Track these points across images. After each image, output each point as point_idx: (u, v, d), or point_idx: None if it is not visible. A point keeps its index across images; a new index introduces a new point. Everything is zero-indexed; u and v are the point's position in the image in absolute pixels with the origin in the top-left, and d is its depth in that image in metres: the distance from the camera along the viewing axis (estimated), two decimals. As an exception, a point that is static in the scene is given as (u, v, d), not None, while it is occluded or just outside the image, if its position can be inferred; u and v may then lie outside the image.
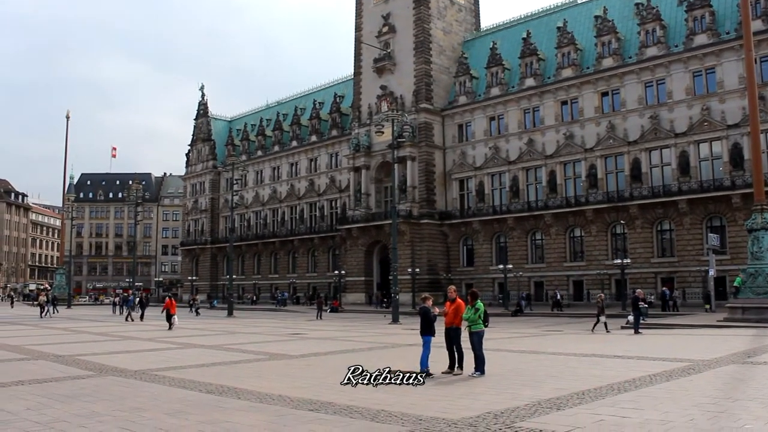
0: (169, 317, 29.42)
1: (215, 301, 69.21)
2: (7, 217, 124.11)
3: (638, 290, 28.48)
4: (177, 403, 9.74)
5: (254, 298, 71.33)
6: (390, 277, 40.91)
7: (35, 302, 67.34)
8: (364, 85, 64.55)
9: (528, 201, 53.19)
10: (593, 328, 25.14)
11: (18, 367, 14.74)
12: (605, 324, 24.90)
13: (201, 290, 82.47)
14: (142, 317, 37.28)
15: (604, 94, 49.99)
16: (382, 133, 41.60)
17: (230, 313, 44.13)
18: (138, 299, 41.47)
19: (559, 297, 44.92)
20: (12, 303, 67.03)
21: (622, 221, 46.91)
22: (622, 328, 26.48)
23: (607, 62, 49.68)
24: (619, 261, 42.32)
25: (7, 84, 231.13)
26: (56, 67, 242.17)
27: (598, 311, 25.24)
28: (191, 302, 51.52)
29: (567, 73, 51.84)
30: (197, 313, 46.75)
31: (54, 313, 43.88)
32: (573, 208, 50.02)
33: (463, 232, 57.92)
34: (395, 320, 33.27)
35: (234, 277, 53.77)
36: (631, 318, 25.43)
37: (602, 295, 27.72)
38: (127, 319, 36.83)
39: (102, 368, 14.33)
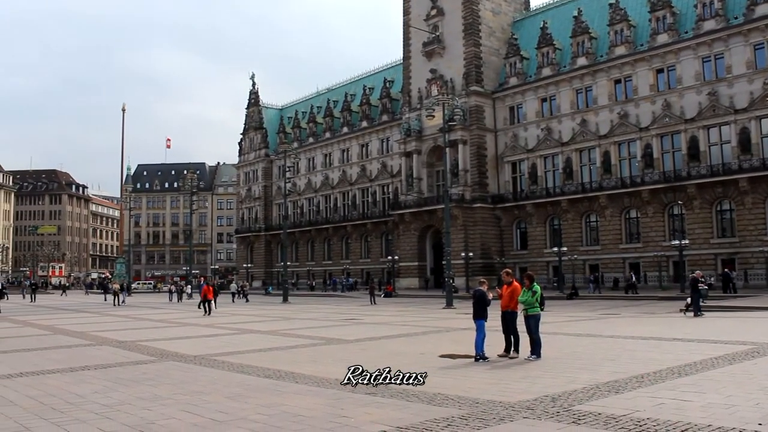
0: (207, 303, 30.11)
1: (270, 288, 70.05)
2: (69, 208, 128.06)
3: (697, 271, 27.82)
4: (236, 387, 9.93)
5: (313, 284, 71.81)
6: (443, 262, 40.85)
7: (96, 290, 69.31)
8: (413, 70, 64.28)
9: (582, 182, 52.41)
10: (694, 311, 24.11)
11: (84, 353, 15.21)
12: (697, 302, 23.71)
13: (256, 277, 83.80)
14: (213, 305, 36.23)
15: (659, 71, 48.76)
16: (433, 117, 41.39)
17: (285, 299, 44.62)
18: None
19: (633, 279, 43.65)
20: (64, 291, 68.75)
21: (679, 201, 45.86)
22: (681, 310, 25.92)
23: (662, 38, 48.39)
24: (677, 242, 41.33)
25: (67, 78, 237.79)
26: (112, 62, 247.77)
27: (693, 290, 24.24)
28: (240, 289, 50.76)
29: (620, 50, 50.70)
30: (246, 299, 46.97)
31: (121, 302, 42.23)
32: (628, 189, 49.08)
33: (517, 215, 57.42)
34: (449, 304, 33.21)
35: (288, 263, 54.35)
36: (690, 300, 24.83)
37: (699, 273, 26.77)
38: (199, 307, 36.03)
39: (163, 353, 14.68)
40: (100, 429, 7.34)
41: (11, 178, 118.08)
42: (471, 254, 52.13)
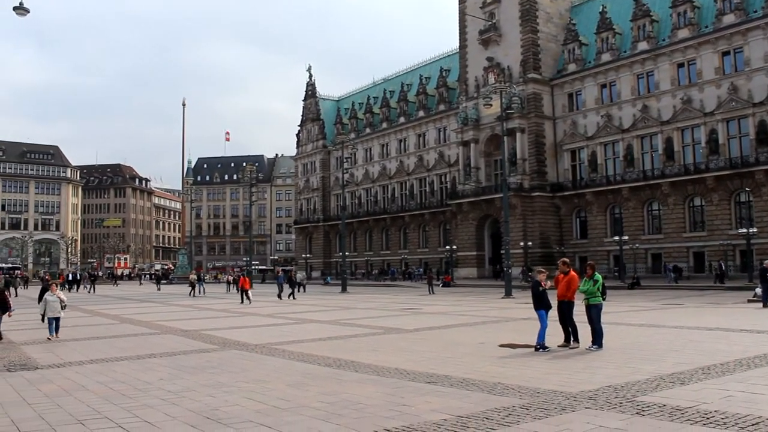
0: (244, 293, 31.17)
1: (329, 278, 70.70)
2: (132, 201, 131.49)
3: (766, 261, 26.93)
4: (297, 376, 10.06)
5: (377, 272, 71.84)
6: (502, 251, 40.53)
7: (152, 280, 71.05)
8: (470, 58, 63.74)
9: (643, 170, 51.25)
10: (764, 301, 22.68)
11: (149, 341, 15.63)
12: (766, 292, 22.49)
13: (314, 267, 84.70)
14: (292, 296, 35.40)
15: (725, 53, 47.20)
16: (490, 105, 40.96)
17: (344, 289, 44.93)
18: (288, 277, 39.29)
19: (723, 268, 40.48)
20: (116, 282, 70.51)
21: (747, 188, 44.45)
22: (749, 301, 25.20)
23: (728, 19, 46.80)
24: (744, 230, 40.07)
25: (129, 75, 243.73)
26: (172, 57, 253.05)
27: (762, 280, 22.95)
28: (296, 280, 48.59)
29: (683, 33, 49.27)
30: (303, 290, 46.37)
31: (201, 293, 41.30)
32: (692, 176, 47.77)
33: (576, 203, 56.54)
34: (508, 294, 32.98)
35: (346, 254, 54.66)
36: (759, 290, 24.11)
37: None
38: (289, 297, 35.08)
39: (225, 342, 14.96)
40: (166, 414, 7.54)
41: (78, 172, 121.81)
42: (530, 243, 51.62)
